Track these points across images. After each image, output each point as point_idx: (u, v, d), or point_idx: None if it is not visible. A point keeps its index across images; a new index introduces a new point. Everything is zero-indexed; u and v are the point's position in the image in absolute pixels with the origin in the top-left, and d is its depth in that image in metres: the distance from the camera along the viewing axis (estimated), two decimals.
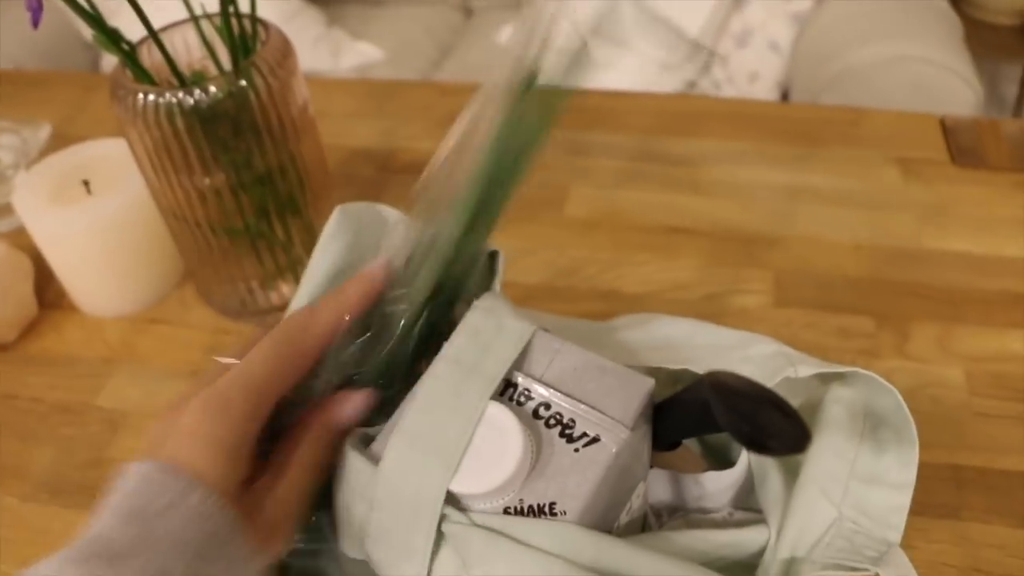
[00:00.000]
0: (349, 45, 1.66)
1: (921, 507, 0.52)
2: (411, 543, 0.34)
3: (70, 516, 0.55)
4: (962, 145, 0.80)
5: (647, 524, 0.41)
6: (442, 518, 0.34)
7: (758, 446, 0.34)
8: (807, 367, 0.40)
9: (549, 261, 0.70)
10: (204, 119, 0.56)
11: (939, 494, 0.53)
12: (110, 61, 1.41)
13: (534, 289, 0.67)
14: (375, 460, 0.36)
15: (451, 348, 0.37)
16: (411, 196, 0.42)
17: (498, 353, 0.37)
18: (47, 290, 0.69)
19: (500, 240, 0.71)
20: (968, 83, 1.30)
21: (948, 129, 0.82)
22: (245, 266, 0.64)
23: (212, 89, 0.55)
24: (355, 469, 0.37)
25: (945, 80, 1.30)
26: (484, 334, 0.38)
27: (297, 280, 0.63)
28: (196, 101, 0.55)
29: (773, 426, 0.33)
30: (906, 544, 0.50)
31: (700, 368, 0.40)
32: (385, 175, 0.80)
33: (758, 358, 0.41)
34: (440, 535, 0.34)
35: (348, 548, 0.37)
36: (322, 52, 1.61)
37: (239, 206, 0.60)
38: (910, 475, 0.40)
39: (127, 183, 0.65)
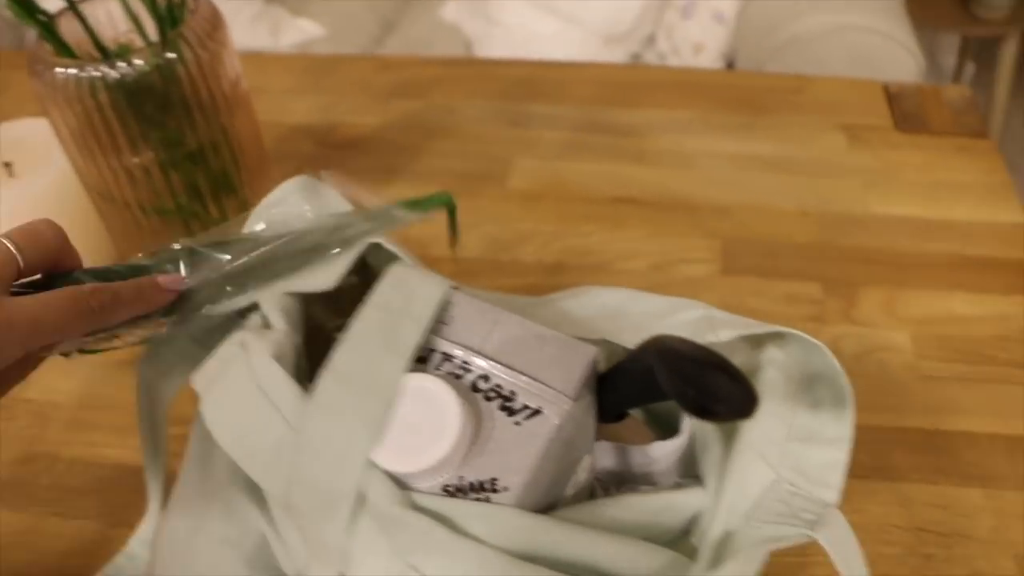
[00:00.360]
0: (289, 22, 1.63)
1: (868, 470, 0.52)
2: (337, 488, 0.33)
3: (2, 516, 0.53)
4: (905, 111, 0.80)
5: (594, 497, 0.40)
6: (366, 496, 0.33)
7: (704, 411, 0.33)
8: (729, 330, 0.39)
9: (492, 235, 0.68)
10: (129, 94, 0.53)
11: (887, 457, 0.53)
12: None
13: (478, 263, 0.66)
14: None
15: (376, 296, 0.37)
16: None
17: (424, 297, 0.37)
18: None
19: (443, 215, 0.70)
20: (910, 52, 1.31)
21: (891, 95, 0.83)
22: None
23: (137, 62, 0.53)
24: (280, 397, 0.36)
25: (888, 49, 1.31)
26: (408, 282, 0.38)
27: None
28: (120, 75, 0.53)
29: (719, 390, 0.32)
30: (853, 507, 0.50)
31: (628, 339, 0.39)
32: (324, 151, 0.78)
33: (683, 323, 0.40)
34: (364, 498, 0.33)
35: (262, 480, 0.36)
36: (261, 29, 1.57)
37: (170, 185, 0.58)
38: (845, 429, 0.39)
39: (51, 164, 0.62)
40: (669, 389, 0.33)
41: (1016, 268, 0.64)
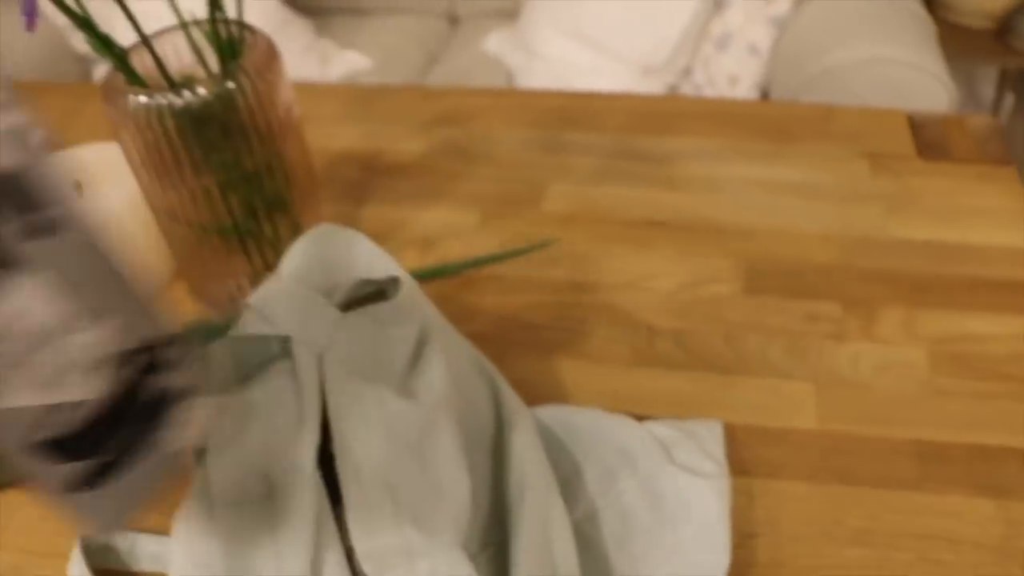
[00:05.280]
0: (337, 54, 1.69)
1: (885, 480, 0.55)
2: None
3: None
4: (928, 139, 0.83)
5: None
6: None
7: None
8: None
9: (528, 254, 0.72)
10: (193, 120, 0.58)
11: (900, 468, 0.55)
12: (101, 72, 1.43)
13: (514, 281, 0.70)
14: None
15: None
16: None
17: None
18: None
19: (481, 236, 0.74)
20: (942, 83, 1.33)
21: (915, 125, 0.85)
22: (235, 263, 0.67)
23: (201, 91, 0.57)
24: None
25: (919, 80, 1.33)
26: None
27: None
28: (186, 103, 0.57)
29: None
30: (868, 514, 0.53)
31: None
32: (369, 175, 0.82)
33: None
34: None
35: None
36: (311, 61, 1.64)
37: (228, 205, 0.63)
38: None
39: (118, 185, 0.67)
40: None
41: None
